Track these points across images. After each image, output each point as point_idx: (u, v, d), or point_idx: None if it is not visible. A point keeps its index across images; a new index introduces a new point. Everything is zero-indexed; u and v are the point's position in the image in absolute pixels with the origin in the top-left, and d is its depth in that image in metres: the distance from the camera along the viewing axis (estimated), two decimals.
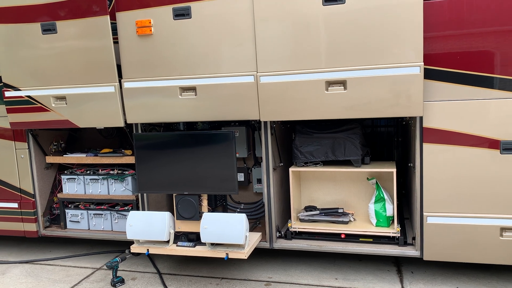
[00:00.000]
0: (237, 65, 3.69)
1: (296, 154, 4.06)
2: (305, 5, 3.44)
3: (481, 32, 3.29)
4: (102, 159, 4.56)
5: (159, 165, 3.94)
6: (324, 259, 4.25)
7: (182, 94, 3.86)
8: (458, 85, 3.39)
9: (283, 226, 4.25)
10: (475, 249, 3.49)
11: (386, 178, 4.08)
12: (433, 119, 3.44)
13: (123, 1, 3.86)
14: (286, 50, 3.55)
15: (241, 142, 4.52)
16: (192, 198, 3.85)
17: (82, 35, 3.97)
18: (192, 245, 3.80)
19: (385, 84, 3.36)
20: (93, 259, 4.65)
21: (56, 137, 4.94)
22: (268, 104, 3.67)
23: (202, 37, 3.72)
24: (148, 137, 4.02)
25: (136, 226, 3.81)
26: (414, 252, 3.69)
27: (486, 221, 3.43)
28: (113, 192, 4.56)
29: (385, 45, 3.33)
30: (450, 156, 3.44)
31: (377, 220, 3.95)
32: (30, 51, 4.17)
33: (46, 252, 4.92)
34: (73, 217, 4.72)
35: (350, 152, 3.93)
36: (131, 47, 3.91)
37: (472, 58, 3.33)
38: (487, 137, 3.37)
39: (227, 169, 3.77)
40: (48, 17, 4.03)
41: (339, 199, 4.29)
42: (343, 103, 3.48)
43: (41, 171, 4.75)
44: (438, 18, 3.34)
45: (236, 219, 3.59)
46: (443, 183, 3.49)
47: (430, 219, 3.55)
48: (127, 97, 4.00)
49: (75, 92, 4.12)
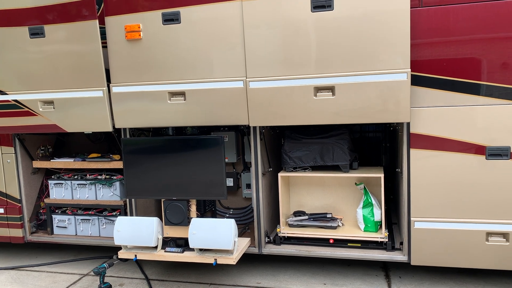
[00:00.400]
0: (227, 70, 3.70)
1: (285, 159, 4.07)
2: (294, 11, 3.46)
3: (467, 39, 3.34)
4: (90, 164, 4.52)
5: (148, 170, 3.92)
6: (313, 264, 4.26)
7: (171, 99, 3.85)
8: (445, 92, 3.43)
9: (272, 231, 4.25)
10: (462, 254, 3.52)
11: (374, 183, 4.11)
12: (420, 125, 3.48)
13: (112, 6, 3.85)
14: (275, 55, 3.57)
15: (230, 147, 4.52)
16: (180, 204, 3.83)
17: (71, 39, 3.95)
18: (180, 250, 3.78)
19: (373, 90, 3.39)
20: (80, 265, 4.60)
21: (44, 142, 4.89)
22: (257, 109, 3.68)
23: (191, 42, 3.73)
24: (136, 142, 4.00)
25: (124, 231, 3.78)
26: (401, 257, 3.71)
27: (472, 226, 3.47)
28: (101, 197, 4.52)
29: (373, 51, 3.36)
30: (437, 161, 3.48)
31: (365, 225, 3.97)
32: (17, 55, 4.13)
33: (32, 258, 4.85)
34: (60, 223, 4.67)
35: (339, 157, 3.95)
36: (120, 51, 3.90)
37: (459, 65, 3.38)
38: (473, 143, 3.41)
39: (216, 174, 3.76)
40: (36, 21, 4.00)
41: (327, 204, 4.31)
42: (331, 109, 3.51)
43: (28, 176, 4.70)
44: (425, 25, 3.38)
45: (225, 225, 3.58)
46: (430, 188, 3.52)
47: (417, 224, 3.58)
48: (115, 102, 3.99)
49: (63, 96, 4.09)
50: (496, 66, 3.31)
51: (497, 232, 3.43)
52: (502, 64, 3.30)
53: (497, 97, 3.33)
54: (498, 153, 3.36)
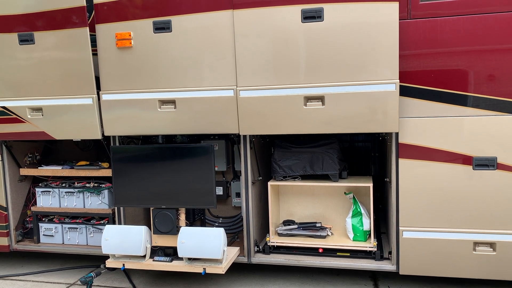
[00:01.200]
0: (217, 79, 3.71)
1: (275, 168, 4.08)
2: (285, 22, 3.49)
3: (455, 51, 3.40)
4: (78, 171, 4.49)
5: (137, 179, 3.90)
6: (302, 273, 4.25)
7: (161, 107, 3.85)
8: (433, 102, 3.48)
9: (262, 240, 4.24)
10: (449, 264, 3.55)
11: (363, 193, 4.13)
12: (409, 135, 3.52)
13: (103, 13, 3.85)
14: (266, 65, 3.59)
15: (220, 155, 4.51)
16: (169, 212, 3.81)
17: (61, 46, 3.93)
18: (169, 260, 3.76)
19: (362, 100, 3.43)
20: (67, 274, 4.53)
21: (31, 149, 4.84)
22: (247, 118, 3.69)
23: (182, 50, 3.74)
24: (125, 150, 3.98)
25: (112, 240, 3.75)
26: (390, 267, 3.73)
27: (460, 235, 3.50)
28: (89, 205, 4.48)
29: (362, 62, 3.40)
30: (425, 171, 3.51)
31: (354, 234, 3.98)
32: (6, 61, 4.10)
33: (17, 267, 4.77)
34: (47, 231, 4.61)
35: (328, 166, 3.97)
36: (110, 59, 3.89)
37: (446, 76, 3.43)
38: (460, 153, 3.45)
39: (205, 182, 3.75)
40: (25, 28, 3.98)
41: (317, 213, 4.32)
42: (321, 118, 3.53)
43: (14, 184, 4.64)
44: (414, 37, 3.44)
45: (214, 234, 3.57)
46: (419, 198, 3.55)
47: (406, 234, 3.60)
48: (105, 109, 3.97)
49: (52, 103, 4.06)
50: (483, 78, 3.37)
51: (484, 242, 3.46)
52: (488, 76, 3.36)
53: (484, 108, 3.39)
54: (485, 164, 3.40)
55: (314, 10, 3.42)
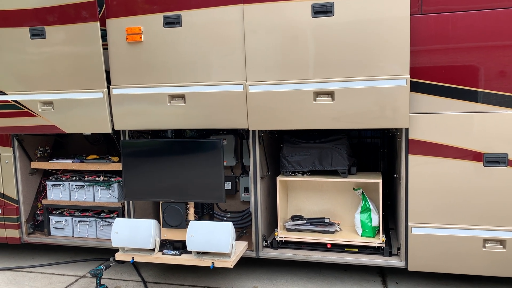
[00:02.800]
0: (227, 74, 3.71)
1: (284, 163, 4.08)
2: (295, 16, 3.48)
3: (465, 47, 3.37)
4: (88, 165, 4.52)
5: (146, 173, 3.92)
6: (310, 268, 4.26)
7: (171, 102, 3.86)
8: (443, 98, 3.45)
9: (270, 235, 4.25)
10: (459, 260, 3.53)
11: (372, 189, 4.12)
12: (419, 131, 3.50)
13: (114, 8, 3.87)
14: (275, 60, 3.58)
15: (229, 150, 4.52)
16: (178, 206, 3.84)
17: (72, 40, 3.96)
18: (177, 253, 3.78)
19: (373, 96, 3.41)
20: (77, 266, 4.59)
21: (42, 143, 4.89)
22: (256, 113, 3.69)
23: (192, 45, 3.74)
24: (135, 144, 4.00)
25: (122, 233, 3.78)
26: (399, 263, 3.72)
27: (469, 232, 3.49)
28: (99, 199, 4.52)
29: (373, 57, 3.38)
30: (435, 167, 3.50)
31: (362, 230, 3.98)
32: (18, 55, 4.13)
33: (28, 259, 4.84)
34: (57, 224, 4.66)
35: (337, 162, 3.96)
36: (120, 53, 3.91)
37: (457, 72, 3.41)
38: (471, 149, 3.43)
39: (214, 177, 3.77)
40: (37, 22, 4.01)
41: (325, 208, 4.32)
42: (331, 114, 3.52)
43: (25, 177, 4.69)
44: (425, 32, 3.41)
45: (223, 228, 3.58)
46: (428, 194, 3.54)
47: (414, 230, 3.59)
48: (115, 104, 3.99)
49: (62, 97, 4.09)
50: (494, 74, 3.34)
51: (494, 239, 3.45)
52: (499, 72, 3.33)
53: (495, 104, 3.36)
54: (496, 160, 3.38)
55: (324, 4, 3.40)
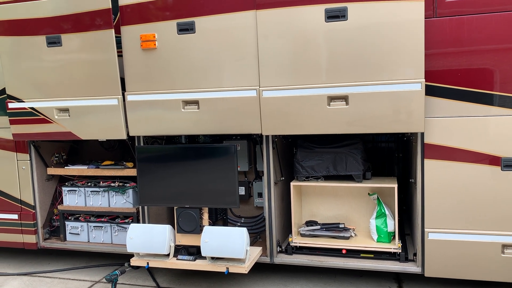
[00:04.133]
0: (240, 80, 3.72)
1: (298, 168, 4.06)
2: (308, 21, 3.48)
3: (481, 49, 3.33)
4: (103, 171, 4.56)
5: (161, 178, 3.94)
6: (325, 274, 4.22)
7: (185, 108, 3.88)
8: (459, 102, 3.42)
9: (284, 240, 4.23)
10: (477, 266, 3.48)
11: (387, 194, 4.08)
12: (434, 135, 3.47)
13: (128, 16, 3.91)
14: (289, 65, 3.59)
15: (243, 155, 4.53)
16: (193, 212, 3.84)
17: (87, 48, 4.01)
18: (192, 258, 3.79)
19: (387, 100, 3.39)
20: (92, 272, 4.62)
21: (58, 149, 4.95)
22: (270, 118, 3.69)
23: (205, 51, 3.76)
24: (150, 149, 4.03)
25: (137, 239, 3.80)
26: (415, 269, 3.68)
27: (488, 237, 3.43)
28: (114, 204, 4.55)
29: (387, 61, 3.36)
30: (452, 172, 3.45)
31: (378, 235, 3.94)
32: (34, 63, 4.20)
33: (45, 264, 4.89)
34: (73, 229, 4.70)
35: (352, 167, 3.93)
36: (135, 60, 3.95)
37: (472, 75, 3.37)
38: (487, 153, 3.38)
39: (228, 182, 3.77)
40: (53, 30, 4.07)
41: (340, 214, 4.29)
42: (345, 118, 3.51)
43: (42, 183, 4.75)
44: (439, 36, 3.38)
45: (237, 233, 3.58)
46: (445, 199, 3.49)
47: (431, 235, 3.55)
48: (130, 110, 4.03)
49: (78, 104, 4.15)
50: (510, 77, 3.30)
51: None
52: None
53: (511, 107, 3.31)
54: None
55: (338, 9, 3.40)
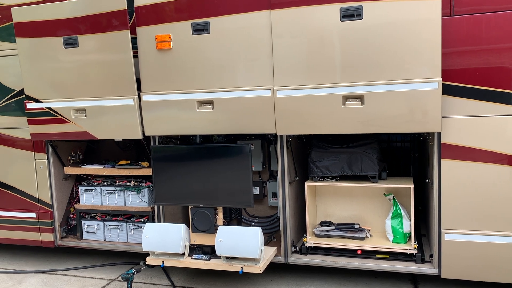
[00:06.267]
0: (254, 79, 3.73)
1: (312, 168, 4.05)
2: (323, 21, 3.47)
3: (499, 48, 3.28)
4: (119, 170, 4.61)
5: (176, 178, 3.96)
6: (340, 275, 4.20)
7: (200, 108, 3.90)
8: (477, 101, 3.37)
9: (298, 241, 4.22)
10: (495, 268, 3.42)
11: (403, 194, 4.04)
12: (451, 135, 3.42)
13: (144, 16, 3.94)
14: (303, 65, 3.57)
15: (257, 155, 4.53)
16: (207, 211, 3.86)
17: (103, 49, 4.06)
18: (207, 258, 3.80)
19: (404, 99, 3.36)
20: (108, 270, 4.67)
21: (75, 149, 5.01)
22: (284, 118, 3.69)
23: (220, 51, 3.77)
24: (165, 149, 4.06)
25: (152, 238, 3.83)
26: (431, 270, 3.63)
27: (506, 239, 3.37)
28: (129, 203, 4.60)
29: (404, 60, 3.33)
30: (469, 172, 3.41)
31: (394, 236, 3.90)
32: (52, 64, 4.26)
33: (62, 262, 4.96)
34: (89, 228, 4.76)
35: (367, 167, 3.90)
36: (150, 61, 3.98)
37: (490, 74, 3.32)
38: (506, 153, 3.33)
39: (242, 182, 3.77)
40: (70, 31, 4.13)
41: (355, 214, 4.26)
42: (360, 118, 3.48)
43: (59, 182, 4.82)
44: (457, 34, 3.34)
45: (252, 233, 3.58)
46: (462, 200, 3.44)
47: (448, 236, 3.50)
48: (145, 110, 4.06)
49: (95, 104, 4.20)
50: None
51: None
52: None
53: None
54: None
55: (353, 8, 3.38)
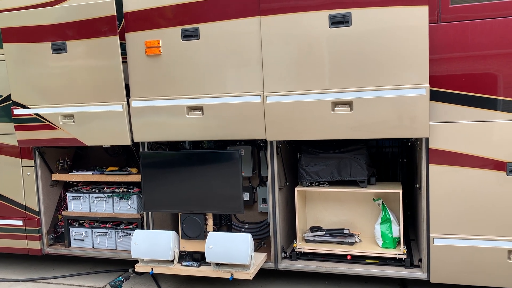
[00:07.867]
0: (244, 85, 3.73)
1: (302, 173, 4.06)
2: (312, 27, 3.49)
3: (485, 54, 3.33)
4: (107, 177, 4.57)
5: (165, 184, 3.94)
6: (330, 280, 4.21)
7: (189, 113, 3.89)
8: (463, 107, 3.41)
9: (288, 246, 4.22)
10: (483, 272, 3.45)
11: (392, 199, 4.07)
12: (439, 140, 3.46)
13: (133, 22, 3.93)
14: (293, 71, 3.59)
15: (247, 161, 4.53)
16: (197, 217, 3.84)
17: (92, 54, 4.03)
18: (196, 264, 3.78)
19: (392, 105, 3.39)
20: (97, 278, 4.61)
21: (63, 155, 4.96)
22: (274, 124, 3.70)
23: (210, 57, 3.78)
24: (154, 155, 4.04)
25: (141, 245, 3.80)
26: (420, 274, 3.66)
27: (494, 243, 3.41)
28: (118, 210, 4.56)
29: (392, 66, 3.37)
30: (457, 177, 3.44)
31: (383, 241, 3.92)
32: (40, 70, 4.23)
33: (49, 270, 4.89)
34: (77, 235, 4.71)
35: (356, 172, 3.93)
36: (139, 66, 3.96)
37: (477, 80, 3.37)
38: (493, 158, 3.37)
39: (232, 188, 3.77)
40: (58, 37, 4.10)
41: (344, 219, 4.28)
42: (349, 124, 3.51)
43: (46, 189, 4.76)
44: (443, 41, 3.39)
45: (242, 239, 3.58)
46: (450, 205, 3.48)
47: (436, 241, 3.53)
48: (134, 116, 4.04)
49: (83, 110, 4.16)
50: None
51: None
52: None
53: None
54: None
55: (342, 15, 3.41)
